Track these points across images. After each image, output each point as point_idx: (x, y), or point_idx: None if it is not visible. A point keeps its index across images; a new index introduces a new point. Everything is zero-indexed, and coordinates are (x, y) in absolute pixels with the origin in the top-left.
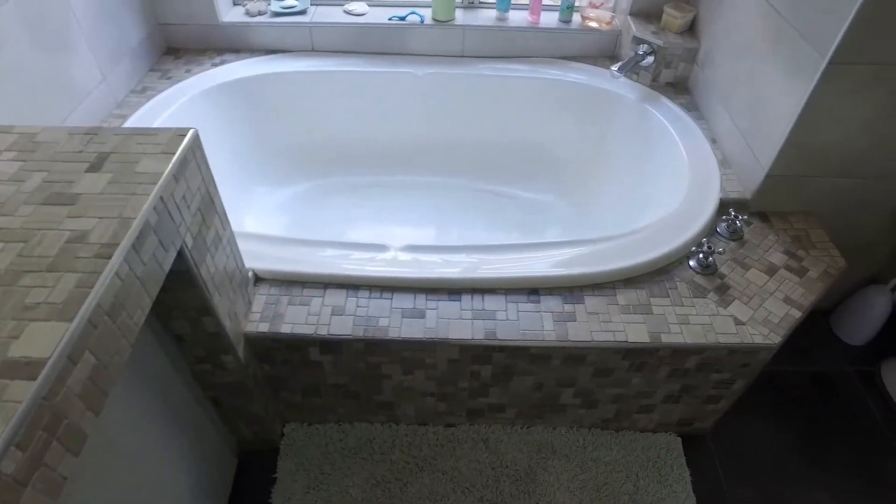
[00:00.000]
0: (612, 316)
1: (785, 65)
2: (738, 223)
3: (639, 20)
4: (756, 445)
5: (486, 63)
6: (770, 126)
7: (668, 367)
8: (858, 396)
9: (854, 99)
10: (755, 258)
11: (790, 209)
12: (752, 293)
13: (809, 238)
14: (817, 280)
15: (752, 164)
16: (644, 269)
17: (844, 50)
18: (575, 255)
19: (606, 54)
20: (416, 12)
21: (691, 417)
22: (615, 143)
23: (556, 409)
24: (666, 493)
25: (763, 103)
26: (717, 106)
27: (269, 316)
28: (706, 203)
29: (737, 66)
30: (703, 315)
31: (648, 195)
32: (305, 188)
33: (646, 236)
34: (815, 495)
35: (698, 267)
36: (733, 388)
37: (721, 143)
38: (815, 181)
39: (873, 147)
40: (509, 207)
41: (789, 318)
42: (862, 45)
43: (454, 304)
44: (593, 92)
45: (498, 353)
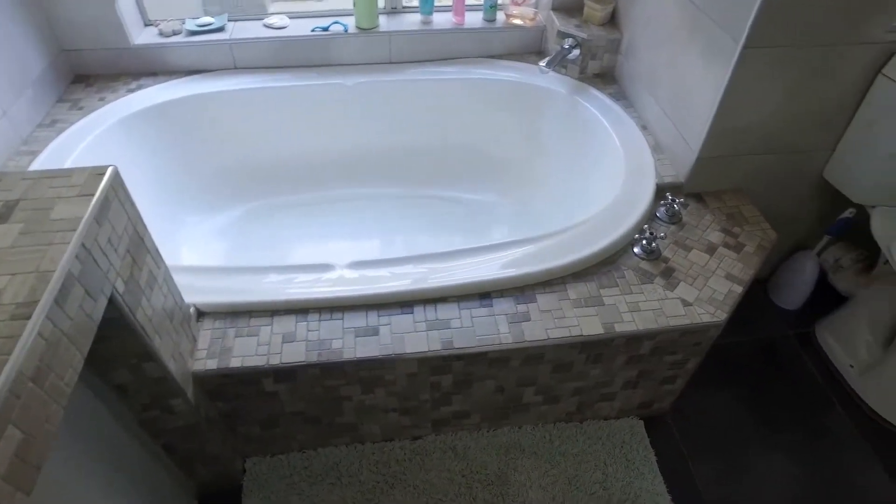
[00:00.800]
0: (566, 311)
1: (703, 51)
2: (675, 206)
3: (561, 15)
4: (712, 418)
5: (416, 67)
6: (695, 110)
7: (624, 355)
8: (798, 358)
9: (768, 80)
10: (695, 239)
11: (722, 188)
12: (696, 274)
13: (742, 214)
14: (753, 254)
15: (682, 147)
16: (591, 261)
17: (755, 35)
18: (522, 254)
19: (533, 50)
20: (340, 22)
21: (650, 400)
22: (550, 137)
23: (519, 408)
24: (634, 475)
25: (687, 89)
26: (644, 94)
27: (216, 351)
28: (644, 190)
29: (659, 55)
30: (653, 300)
31: (588, 187)
32: (241, 212)
33: (589, 228)
34: (771, 456)
35: (643, 253)
36: (687, 368)
37: (652, 130)
38: (741, 159)
39: (788, 124)
40: (453, 211)
41: (732, 294)
42: (770, 29)
43: (407, 318)
44: (524, 88)
45: (457, 362)
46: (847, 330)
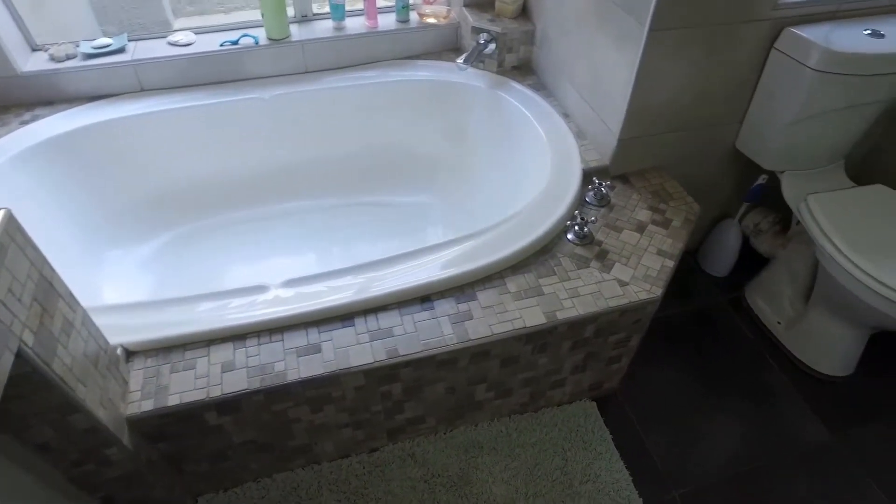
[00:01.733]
0: (507, 305)
1: (613, 36)
2: (603, 190)
3: (474, 10)
4: (660, 389)
5: (333, 75)
6: (612, 94)
7: (569, 340)
8: (732, 321)
9: (675, 60)
10: (625, 219)
11: (645, 167)
12: (629, 253)
13: (666, 190)
14: (680, 228)
15: (603, 131)
16: (527, 252)
17: (659, 18)
18: (459, 253)
19: (450, 48)
20: (249, 34)
21: (600, 381)
22: (475, 133)
23: (473, 406)
24: (592, 456)
25: (601, 74)
26: (562, 82)
27: (151, 391)
28: (571, 176)
29: (572, 43)
30: (591, 284)
31: (517, 179)
32: (166, 241)
33: (522, 220)
34: (717, 418)
35: (576, 239)
36: (630, 345)
37: (573, 117)
38: (659, 138)
39: (698, 100)
40: (387, 216)
41: (665, 269)
42: (672, 12)
43: (349, 331)
44: (445, 87)
45: (404, 369)
46: (772, 290)
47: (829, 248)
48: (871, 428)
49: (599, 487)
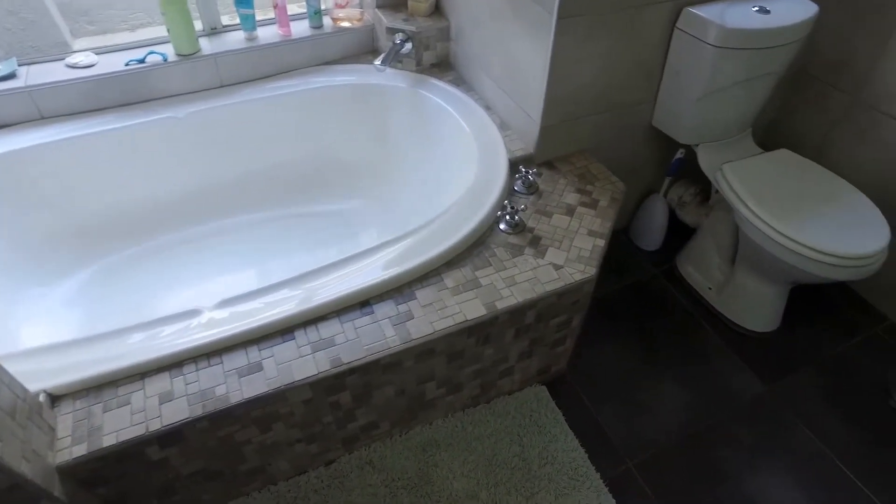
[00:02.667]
0: (446, 301)
1: (525, 26)
2: (530, 177)
3: (387, 11)
4: (606, 366)
5: (251, 86)
6: (529, 83)
7: (511, 329)
8: (667, 292)
9: (587, 45)
10: (554, 204)
11: (569, 152)
12: (561, 237)
13: (591, 172)
14: (608, 207)
15: (525, 121)
16: (461, 246)
17: (565, 5)
18: (394, 254)
19: (367, 50)
20: (156, 51)
21: (547, 365)
22: (401, 133)
23: (425, 406)
24: (548, 439)
25: (518, 64)
26: (481, 75)
27: (83, 435)
28: (498, 167)
29: (486, 35)
30: (526, 271)
31: (446, 174)
32: (91, 274)
33: (453, 215)
34: (663, 386)
35: (508, 228)
36: (572, 326)
37: (495, 109)
38: (580, 122)
39: (613, 83)
40: (321, 225)
41: (597, 248)
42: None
43: (290, 345)
44: (365, 89)
45: (350, 377)
46: (700, 257)
47: (745, 212)
48: (797, 375)
49: (557, 468)
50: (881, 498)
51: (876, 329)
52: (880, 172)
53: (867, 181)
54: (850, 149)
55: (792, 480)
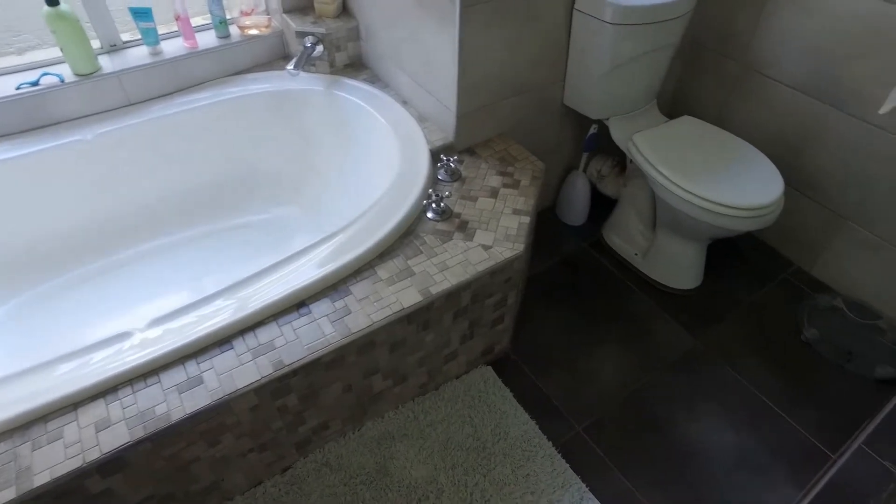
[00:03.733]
0: (381, 292)
1: (432, 18)
2: (452, 165)
3: (295, 15)
4: (547, 339)
5: (162, 102)
6: (442, 74)
7: (449, 312)
8: (597, 262)
9: (493, 31)
10: (478, 188)
11: (488, 136)
12: (488, 218)
13: (511, 154)
14: (530, 185)
15: (442, 111)
16: (391, 238)
17: None
18: (325, 253)
19: (279, 56)
20: (51, 72)
21: (490, 345)
22: (321, 136)
23: (375, 399)
24: (499, 416)
25: (430, 56)
26: (394, 71)
27: (10, 479)
28: (420, 159)
29: (395, 30)
30: (457, 255)
31: (370, 171)
32: (7, 311)
33: (381, 209)
34: (602, 351)
35: (436, 216)
36: (509, 304)
37: (412, 102)
38: (496, 107)
39: (522, 66)
40: (252, 236)
41: (522, 225)
42: None
43: (229, 355)
44: (281, 96)
45: (294, 378)
46: (624, 226)
47: (658, 177)
48: (721, 325)
49: (511, 442)
50: (799, 421)
51: (785, 274)
52: (771, 130)
53: (761, 138)
54: (745, 111)
55: (725, 420)
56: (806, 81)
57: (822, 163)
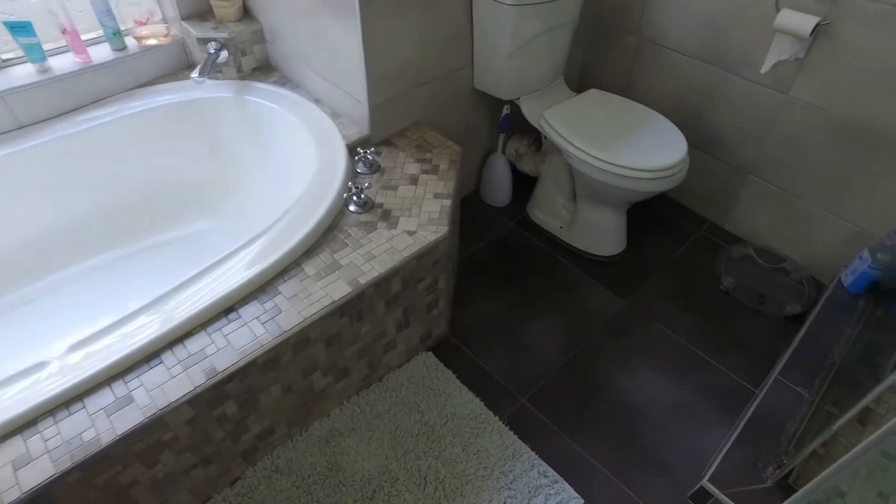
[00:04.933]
0: (310, 288)
1: (332, 12)
2: (370, 157)
3: (194, 22)
4: (485, 318)
5: (60, 122)
6: (349, 68)
7: (381, 300)
8: (525, 240)
9: (395, 21)
10: (397, 177)
11: (403, 126)
12: (410, 205)
13: (428, 141)
14: (448, 169)
15: (354, 105)
16: (315, 234)
17: None
18: (249, 256)
19: (183, 66)
20: None
21: (428, 330)
22: (235, 143)
23: (318, 398)
24: (444, 399)
25: (334, 51)
26: (303, 70)
27: None
28: (337, 154)
29: (299, 30)
30: (383, 243)
31: (288, 172)
32: None
33: (302, 206)
34: (537, 324)
35: (358, 208)
36: (441, 287)
37: (324, 100)
38: (407, 96)
39: (429, 53)
40: (175, 253)
41: (444, 208)
42: None
43: (158, 369)
44: (190, 106)
45: (229, 385)
46: (546, 201)
47: (572, 150)
48: (647, 285)
49: (459, 423)
50: (725, 364)
51: (701, 231)
52: (671, 96)
53: (664, 105)
54: (646, 80)
55: (659, 372)
56: (697, 49)
57: (720, 123)
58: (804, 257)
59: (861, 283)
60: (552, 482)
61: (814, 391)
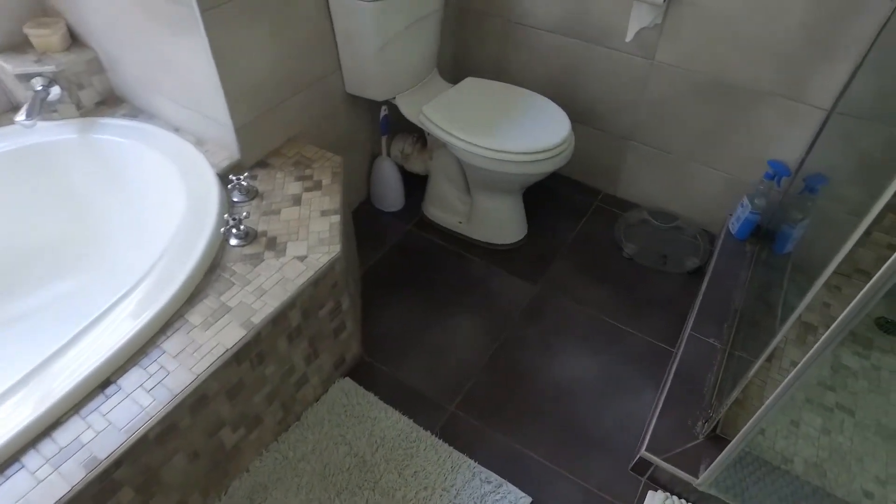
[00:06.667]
0: (199, 339)
1: (174, 31)
2: (245, 183)
3: (9, 56)
4: (397, 331)
5: None
6: (205, 89)
7: (282, 336)
8: (425, 240)
9: (247, 31)
10: (279, 200)
11: (278, 143)
12: (296, 228)
13: (305, 156)
14: (332, 183)
15: (219, 129)
16: (195, 278)
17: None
18: (121, 318)
19: (4, 109)
20: None
21: (340, 356)
22: (89, 188)
23: (231, 455)
24: (371, 425)
25: (186, 72)
26: (156, 98)
27: None
28: (208, 185)
29: (142, 54)
30: (273, 275)
31: (156, 213)
32: None
33: (175, 249)
34: (453, 325)
35: (240, 241)
36: (345, 309)
37: (184, 127)
38: (276, 111)
39: (293, 61)
40: (35, 324)
41: (334, 225)
42: None
43: (19, 476)
44: (23, 155)
45: (118, 471)
46: (441, 198)
47: (456, 142)
48: (554, 265)
49: (390, 447)
50: (641, 329)
51: (596, 202)
52: (545, 74)
53: (540, 83)
54: (519, 61)
55: (581, 350)
56: (562, 24)
57: (595, 94)
58: (694, 212)
59: (746, 229)
60: (496, 487)
61: (724, 340)
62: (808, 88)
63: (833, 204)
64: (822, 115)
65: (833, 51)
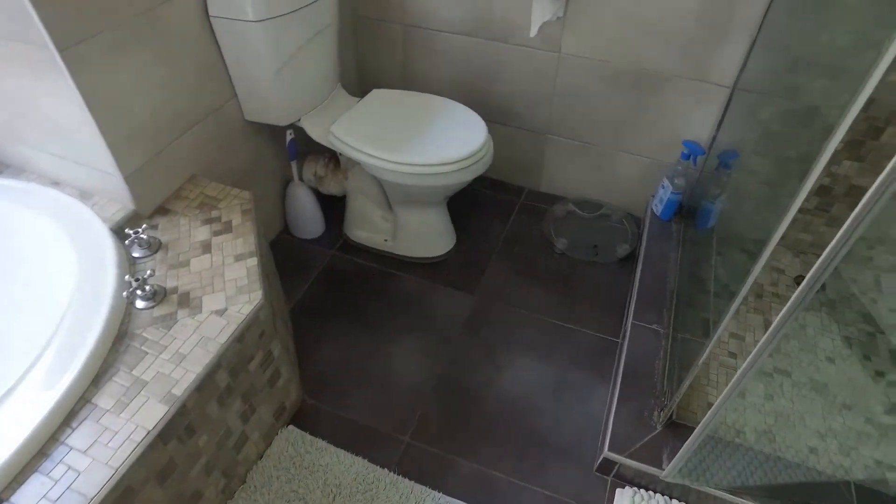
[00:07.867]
0: (113, 425)
1: (31, 74)
2: (144, 236)
3: None
4: (337, 366)
5: None
6: (81, 135)
7: (212, 402)
8: (353, 264)
9: (119, 68)
10: (186, 250)
11: (176, 186)
12: (210, 279)
13: (210, 196)
14: (243, 222)
15: (105, 178)
16: (99, 354)
17: (58, 37)
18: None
19: None
20: None
21: (279, 404)
22: None
23: None
24: (324, 473)
25: (54, 119)
26: (22, 150)
27: None
28: (100, 243)
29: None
30: (190, 336)
31: (42, 287)
32: None
33: (70, 324)
34: (394, 347)
35: (147, 303)
36: (277, 356)
37: (64, 180)
38: (170, 151)
39: (177, 97)
40: None
41: (252, 270)
42: (70, 21)
43: None
44: None
45: None
46: (363, 218)
47: (369, 159)
48: (489, 273)
49: (347, 493)
50: (584, 325)
51: (521, 200)
52: (455, 77)
53: (450, 88)
54: (425, 67)
55: (529, 356)
56: (464, 24)
57: (508, 92)
58: (618, 198)
59: (669, 210)
60: None
61: (665, 324)
62: (711, 68)
63: (746, 176)
64: (727, 92)
65: (728, 32)
